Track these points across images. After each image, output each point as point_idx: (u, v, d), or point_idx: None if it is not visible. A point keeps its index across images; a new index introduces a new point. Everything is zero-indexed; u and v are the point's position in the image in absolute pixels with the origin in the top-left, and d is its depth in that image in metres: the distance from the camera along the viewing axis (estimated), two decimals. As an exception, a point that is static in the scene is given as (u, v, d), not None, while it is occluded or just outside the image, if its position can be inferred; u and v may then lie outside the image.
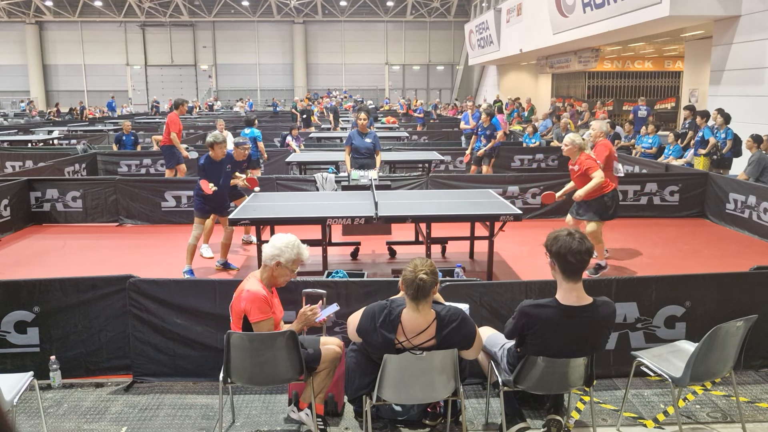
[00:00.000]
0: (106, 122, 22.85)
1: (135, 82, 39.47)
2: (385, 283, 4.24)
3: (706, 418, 3.79)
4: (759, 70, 11.09)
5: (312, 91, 37.11)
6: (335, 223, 5.86)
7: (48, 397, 4.07)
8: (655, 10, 12.03)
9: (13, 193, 8.64)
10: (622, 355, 4.22)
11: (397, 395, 3.29)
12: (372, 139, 8.30)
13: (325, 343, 3.66)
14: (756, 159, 9.06)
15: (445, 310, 3.26)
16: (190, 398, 4.06)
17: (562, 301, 3.20)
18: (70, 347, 4.25)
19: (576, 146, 6.42)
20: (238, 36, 38.69)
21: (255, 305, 3.39)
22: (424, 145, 14.62)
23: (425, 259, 3.23)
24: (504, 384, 3.42)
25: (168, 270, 6.76)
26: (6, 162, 12.57)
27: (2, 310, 4.17)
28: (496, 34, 24.88)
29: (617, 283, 4.22)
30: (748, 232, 8.23)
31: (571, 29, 16.85)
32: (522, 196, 9.19)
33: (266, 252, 3.49)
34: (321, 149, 13.54)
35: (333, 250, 7.06)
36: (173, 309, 4.20)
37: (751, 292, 4.31)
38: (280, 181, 9.30)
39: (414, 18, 38.26)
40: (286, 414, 3.78)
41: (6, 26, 37.33)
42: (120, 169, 12.54)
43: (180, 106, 10.47)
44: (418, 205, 6.57)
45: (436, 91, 40.01)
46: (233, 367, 3.39)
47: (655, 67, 24.02)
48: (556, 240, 3.18)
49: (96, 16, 37.68)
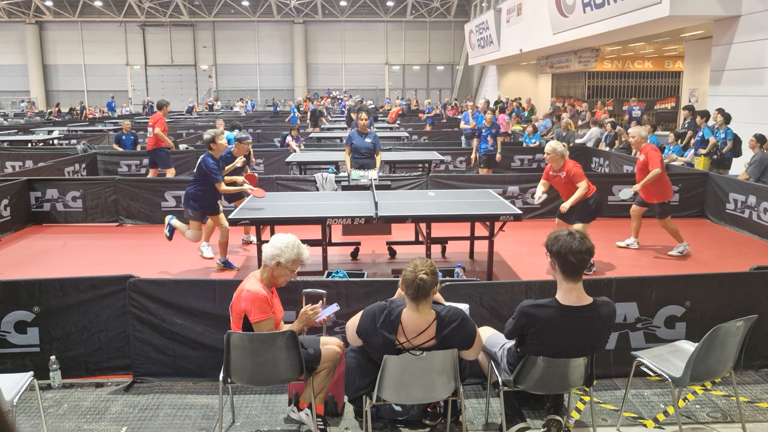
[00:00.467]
0: (106, 122, 22.85)
1: (135, 82, 39.46)
2: (385, 283, 4.24)
3: (706, 418, 3.79)
4: (759, 70, 11.09)
5: (312, 91, 37.10)
6: (335, 223, 5.86)
7: (48, 397, 4.07)
8: (655, 10, 12.03)
9: (13, 193, 8.64)
10: (622, 355, 4.22)
11: (397, 395, 3.29)
12: (372, 139, 8.30)
13: (325, 343, 3.66)
14: (758, 159, 9.06)
15: (445, 311, 3.25)
16: (190, 398, 4.06)
17: (562, 301, 3.20)
18: (70, 347, 4.25)
19: (558, 154, 6.48)
20: (238, 36, 38.67)
21: (255, 305, 3.39)
22: (424, 145, 14.62)
23: (425, 259, 3.23)
24: (504, 384, 3.42)
25: (168, 270, 6.76)
26: (6, 162, 12.56)
27: (2, 310, 4.17)
28: (496, 34, 24.88)
29: (617, 283, 4.22)
30: (748, 232, 8.23)
31: (571, 29, 16.85)
32: (522, 196, 9.20)
33: (266, 252, 3.49)
34: (321, 149, 13.54)
35: (333, 250, 7.06)
36: (173, 309, 4.20)
37: (751, 292, 4.32)
38: (280, 181, 9.30)
39: (414, 18, 38.25)
40: (286, 414, 3.78)
41: (6, 26, 37.32)
42: (120, 169, 12.55)
43: (163, 107, 11.01)
44: (418, 205, 6.57)
45: (436, 91, 39.99)
46: (233, 367, 3.39)
47: (655, 67, 24.02)
48: (557, 240, 3.18)
49: (96, 16, 37.66)
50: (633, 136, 7.32)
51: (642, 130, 7.39)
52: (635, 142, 7.30)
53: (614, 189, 9.35)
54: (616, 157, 11.89)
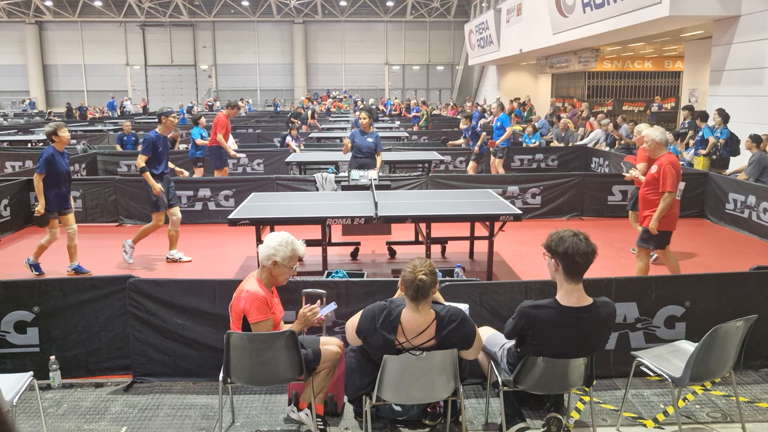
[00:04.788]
0: (106, 122, 22.84)
1: (135, 82, 39.46)
2: (385, 283, 4.24)
3: (705, 418, 3.79)
4: (759, 70, 11.09)
5: (312, 91, 37.10)
6: (335, 223, 5.86)
7: (48, 397, 4.07)
8: (655, 10, 12.03)
9: (13, 193, 8.65)
10: (622, 355, 4.21)
11: (397, 395, 3.29)
12: (374, 139, 8.30)
13: (324, 343, 3.66)
14: (756, 159, 9.06)
15: (445, 311, 3.25)
16: (190, 398, 4.06)
17: (563, 302, 3.20)
18: (70, 347, 4.25)
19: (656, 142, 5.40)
20: (238, 36, 38.68)
21: (254, 306, 3.39)
22: (424, 145, 14.62)
23: (424, 260, 3.22)
24: (504, 384, 3.42)
25: (168, 270, 6.76)
26: (6, 162, 12.57)
27: (2, 310, 4.17)
28: (496, 34, 24.88)
29: (617, 283, 4.22)
30: (747, 232, 8.23)
31: (571, 29, 16.85)
32: (522, 196, 9.20)
33: (261, 252, 3.49)
34: (321, 149, 13.54)
35: (333, 250, 7.06)
36: (173, 309, 4.20)
37: (751, 292, 4.31)
38: (279, 181, 9.30)
39: (414, 18, 38.25)
40: (285, 414, 3.78)
41: (6, 26, 37.31)
42: (120, 169, 12.55)
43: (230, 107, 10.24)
44: (418, 205, 6.57)
45: (436, 91, 40.01)
46: (233, 367, 3.39)
47: (655, 67, 24.02)
48: (562, 240, 3.14)
49: (96, 16, 37.66)
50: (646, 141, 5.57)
51: (656, 132, 5.47)
52: (650, 149, 5.53)
53: (614, 189, 9.36)
54: (615, 158, 11.88)
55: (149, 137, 6.77)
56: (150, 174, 6.71)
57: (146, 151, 6.71)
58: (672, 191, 5.27)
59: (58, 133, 6.21)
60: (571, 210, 9.39)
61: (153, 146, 6.71)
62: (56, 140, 6.23)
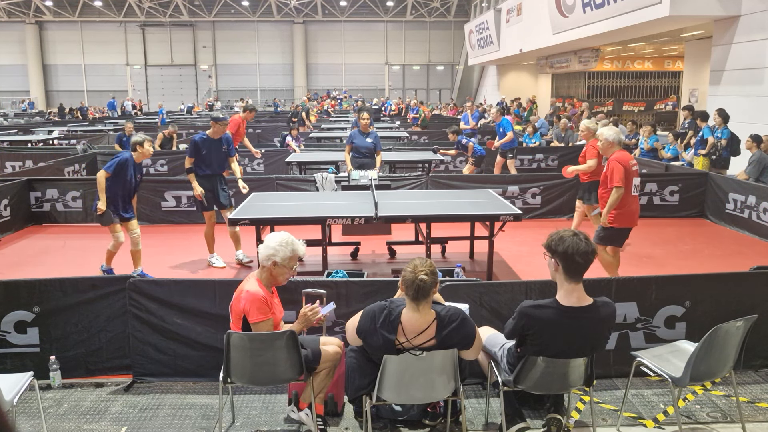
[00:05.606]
0: (106, 122, 22.85)
1: (135, 82, 39.47)
2: (385, 283, 4.24)
3: (706, 418, 3.79)
4: (759, 70, 11.09)
5: (312, 91, 37.11)
6: (335, 223, 5.86)
7: (48, 397, 4.07)
8: (655, 10, 12.03)
9: (13, 193, 8.64)
10: (622, 355, 4.21)
11: (397, 395, 3.29)
12: (373, 139, 8.29)
13: (325, 343, 3.67)
14: (756, 159, 9.07)
15: (445, 311, 3.25)
16: (190, 398, 4.06)
17: (563, 302, 3.20)
18: (70, 347, 4.25)
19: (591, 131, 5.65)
20: (238, 36, 38.68)
21: (254, 306, 3.39)
22: (424, 145, 14.62)
23: (425, 260, 3.22)
24: (504, 384, 3.42)
25: (168, 270, 6.76)
26: (6, 162, 12.57)
27: (2, 310, 4.17)
28: (496, 34, 24.88)
29: (617, 283, 4.22)
30: (747, 232, 8.23)
31: (571, 29, 16.85)
32: (522, 196, 9.20)
33: (261, 253, 3.50)
34: (321, 149, 13.54)
35: (333, 250, 7.06)
36: (173, 309, 4.20)
37: (751, 292, 4.31)
38: (279, 181, 9.30)
39: (414, 18, 38.26)
40: (286, 414, 3.78)
41: (6, 26, 37.32)
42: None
43: (247, 111, 10.02)
44: (418, 205, 6.57)
45: (436, 91, 40.01)
46: (233, 367, 3.39)
47: (655, 67, 24.03)
48: (562, 240, 3.14)
49: (96, 16, 37.67)
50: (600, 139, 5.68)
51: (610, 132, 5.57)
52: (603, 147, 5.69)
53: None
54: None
55: (193, 139, 6.81)
56: (195, 175, 6.73)
57: (190, 153, 6.76)
58: (619, 186, 5.33)
59: (144, 145, 6.24)
60: (571, 210, 9.34)
61: (195, 148, 6.71)
62: (138, 150, 6.25)
